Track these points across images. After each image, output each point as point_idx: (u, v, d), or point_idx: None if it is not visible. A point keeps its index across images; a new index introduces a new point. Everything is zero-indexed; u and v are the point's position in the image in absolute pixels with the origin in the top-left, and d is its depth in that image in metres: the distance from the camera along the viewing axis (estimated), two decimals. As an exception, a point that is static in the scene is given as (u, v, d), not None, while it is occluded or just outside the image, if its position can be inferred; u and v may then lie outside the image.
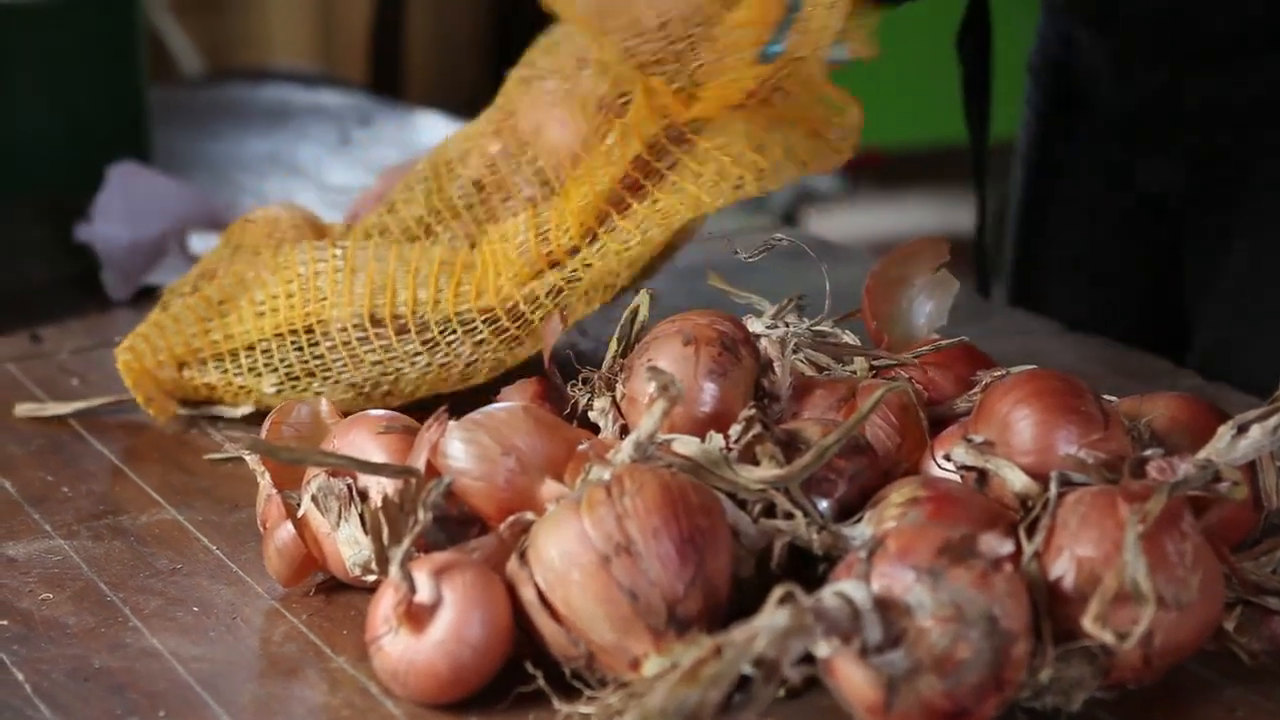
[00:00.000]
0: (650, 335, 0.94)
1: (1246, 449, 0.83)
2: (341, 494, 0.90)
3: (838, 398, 0.94)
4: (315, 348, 1.11)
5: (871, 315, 1.01)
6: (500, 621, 0.81)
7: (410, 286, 1.10)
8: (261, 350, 1.12)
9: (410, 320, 1.09)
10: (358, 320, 1.10)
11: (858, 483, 0.86)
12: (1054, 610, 0.78)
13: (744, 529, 0.82)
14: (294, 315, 1.11)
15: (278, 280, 1.12)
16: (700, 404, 0.90)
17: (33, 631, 0.90)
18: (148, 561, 0.97)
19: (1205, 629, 0.80)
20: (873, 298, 1.01)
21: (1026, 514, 0.81)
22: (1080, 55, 1.36)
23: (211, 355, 1.13)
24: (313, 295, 1.11)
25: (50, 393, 1.20)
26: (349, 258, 1.11)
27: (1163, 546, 0.77)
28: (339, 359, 1.10)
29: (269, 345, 1.12)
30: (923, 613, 0.74)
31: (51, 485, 1.07)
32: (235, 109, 1.87)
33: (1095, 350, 1.26)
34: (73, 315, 1.35)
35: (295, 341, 1.11)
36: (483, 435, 0.86)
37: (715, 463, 0.83)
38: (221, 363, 1.13)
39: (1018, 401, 0.85)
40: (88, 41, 1.67)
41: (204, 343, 1.13)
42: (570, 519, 0.79)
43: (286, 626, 0.90)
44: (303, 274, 1.12)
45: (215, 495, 1.05)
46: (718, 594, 0.78)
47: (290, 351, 1.11)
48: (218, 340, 1.13)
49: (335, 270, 1.11)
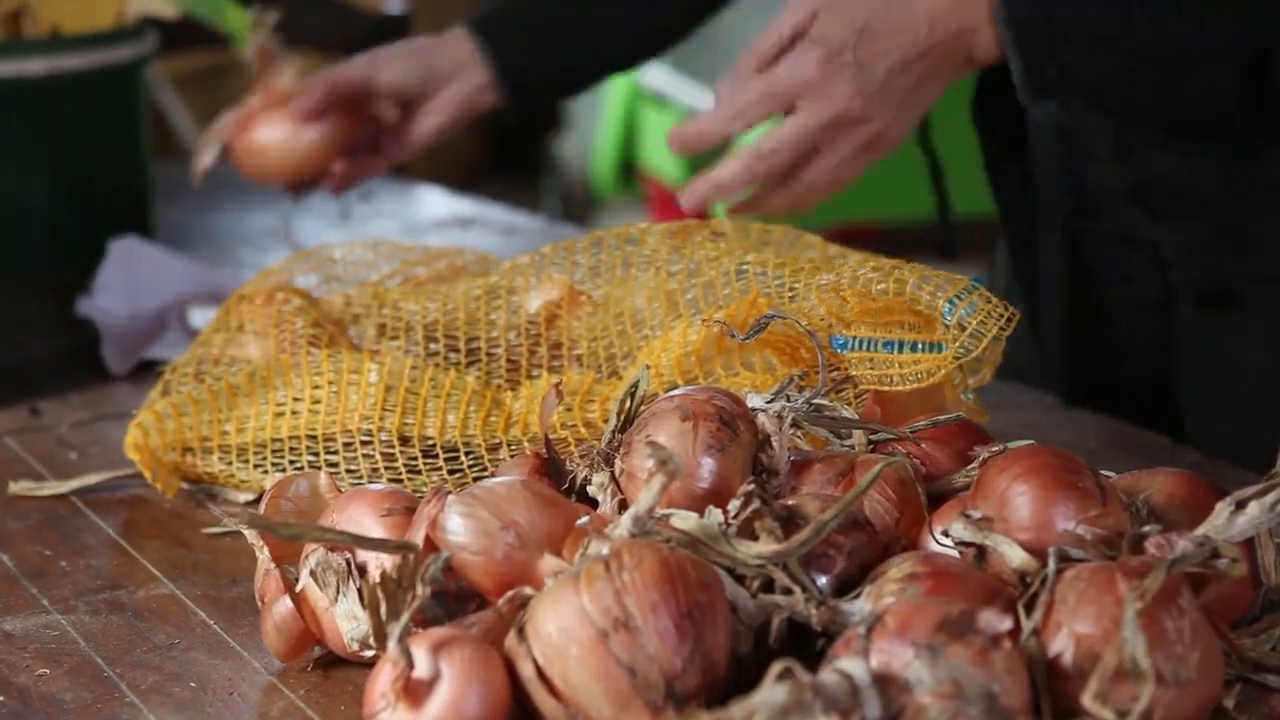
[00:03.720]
0: (648, 411, 0.94)
1: (1244, 526, 0.83)
2: (340, 569, 0.90)
3: (836, 472, 0.94)
4: (333, 455, 1.11)
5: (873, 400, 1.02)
6: (498, 697, 0.80)
7: (440, 411, 1.10)
8: (273, 449, 1.12)
9: (439, 442, 1.09)
10: (386, 436, 1.10)
11: (856, 558, 0.86)
12: (1053, 687, 0.77)
13: (742, 604, 0.82)
14: (316, 421, 1.11)
15: (304, 384, 1.12)
16: (699, 479, 0.91)
17: (29, 707, 0.89)
18: (145, 636, 0.97)
19: (1205, 706, 0.79)
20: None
21: (1025, 590, 0.81)
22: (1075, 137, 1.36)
23: (219, 445, 1.13)
24: (341, 404, 1.11)
25: (49, 466, 1.20)
26: (383, 374, 1.11)
27: (1161, 623, 0.77)
28: (355, 470, 1.10)
29: (282, 446, 1.12)
30: (922, 689, 0.74)
31: (49, 560, 1.06)
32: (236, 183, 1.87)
33: (1092, 426, 1.26)
34: (73, 389, 1.35)
35: (312, 447, 1.11)
36: (481, 510, 0.86)
37: (714, 538, 0.83)
38: (228, 454, 1.13)
39: (1016, 477, 0.86)
40: (90, 115, 1.68)
41: (214, 432, 1.13)
42: (569, 594, 0.79)
43: (284, 702, 0.90)
44: (333, 383, 1.12)
45: (213, 570, 1.05)
46: (716, 669, 0.78)
47: (305, 455, 1.11)
48: (228, 432, 1.13)
49: (369, 385, 1.11)
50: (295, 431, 1.11)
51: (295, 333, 1.19)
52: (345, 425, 1.10)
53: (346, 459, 1.10)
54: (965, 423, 0.98)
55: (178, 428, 1.13)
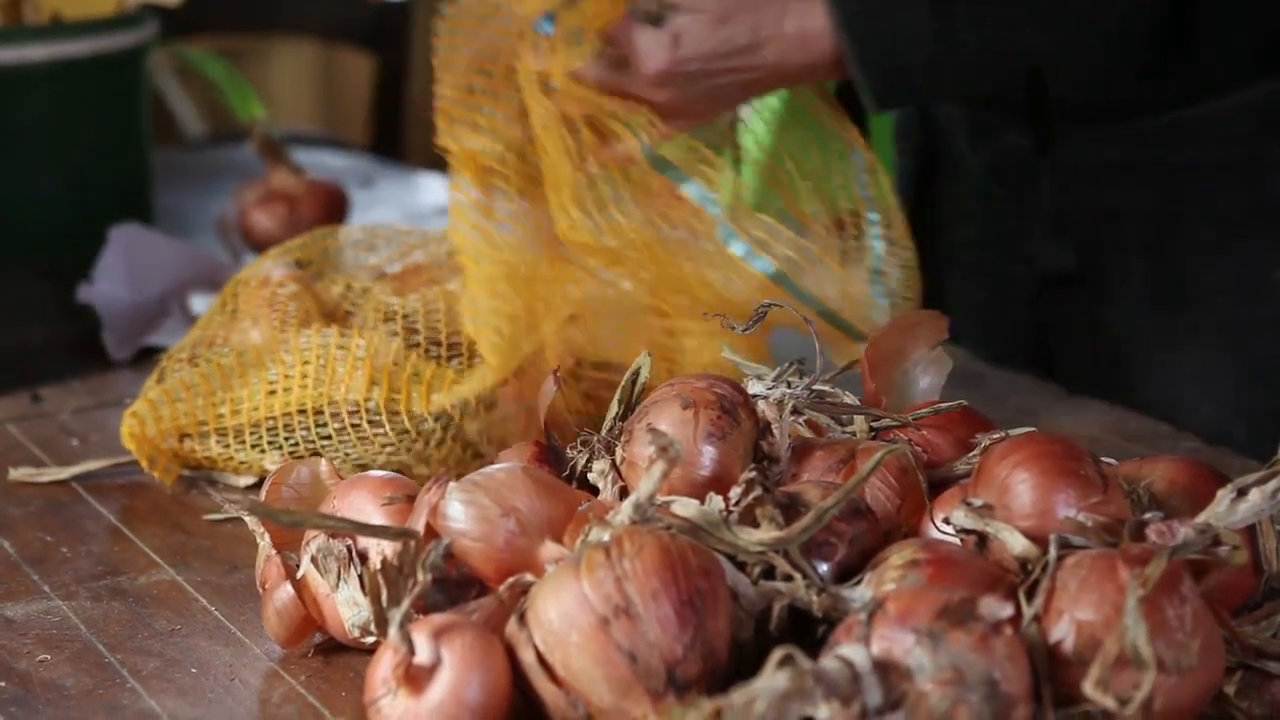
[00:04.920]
0: (649, 399, 0.94)
1: (1246, 513, 0.83)
2: (341, 555, 0.90)
3: (837, 460, 0.94)
4: (324, 428, 1.12)
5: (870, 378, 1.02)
6: (499, 684, 0.80)
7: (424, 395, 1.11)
8: (268, 428, 1.12)
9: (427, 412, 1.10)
10: (372, 405, 1.11)
11: (857, 545, 0.86)
12: (1054, 674, 0.77)
13: (743, 591, 0.82)
14: (305, 396, 1.12)
15: (295, 360, 1.13)
16: (699, 467, 0.91)
17: (30, 693, 0.89)
18: (146, 622, 0.97)
19: (1206, 693, 0.79)
20: (871, 367, 1.02)
21: (1026, 577, 0.81)
22: (939, 120, 1.43)
23: (215, 429, 1.14)
24: (329, 377, 1.12)
25: (50, 453, 1.20)
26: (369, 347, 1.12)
27: (1162, 610, 0.77)
28: (347, 440, 1.11)
29: (275, 423, 1.12)
30: (922, 676, 0.74)
31: (50, 546, 1.06)
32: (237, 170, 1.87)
33: (1094, 413, 1.26)
34: (74, 376, 1.35)
35: (303, 421, 1.12)
36: (482, 497, 0.86)
37: (715, 525, 0.83)
38: (224, 437, 1.14)
39: (1017, 465, 0.85)
40: (92, 103, 1.68)
41: (209, 415, 1.14)
42: (569, 581, 0.79)
43: (285, 688, 0.90)
44: (320, 357, 1.12)
45: (214, 556, 1.05)
46: (717, 656, 0.78)
47: (297, 430, 1.12)
48: (223, 415, 1.13)
49: (356, 359, 1.12)
50: (288, 408, 1.11)
51: (288, 314, 1.19)
52: (331, 396, 1.11)
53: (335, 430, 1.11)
54: (967, 410, 0.98)
55: (173, 414, 1.13)
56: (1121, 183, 1.31)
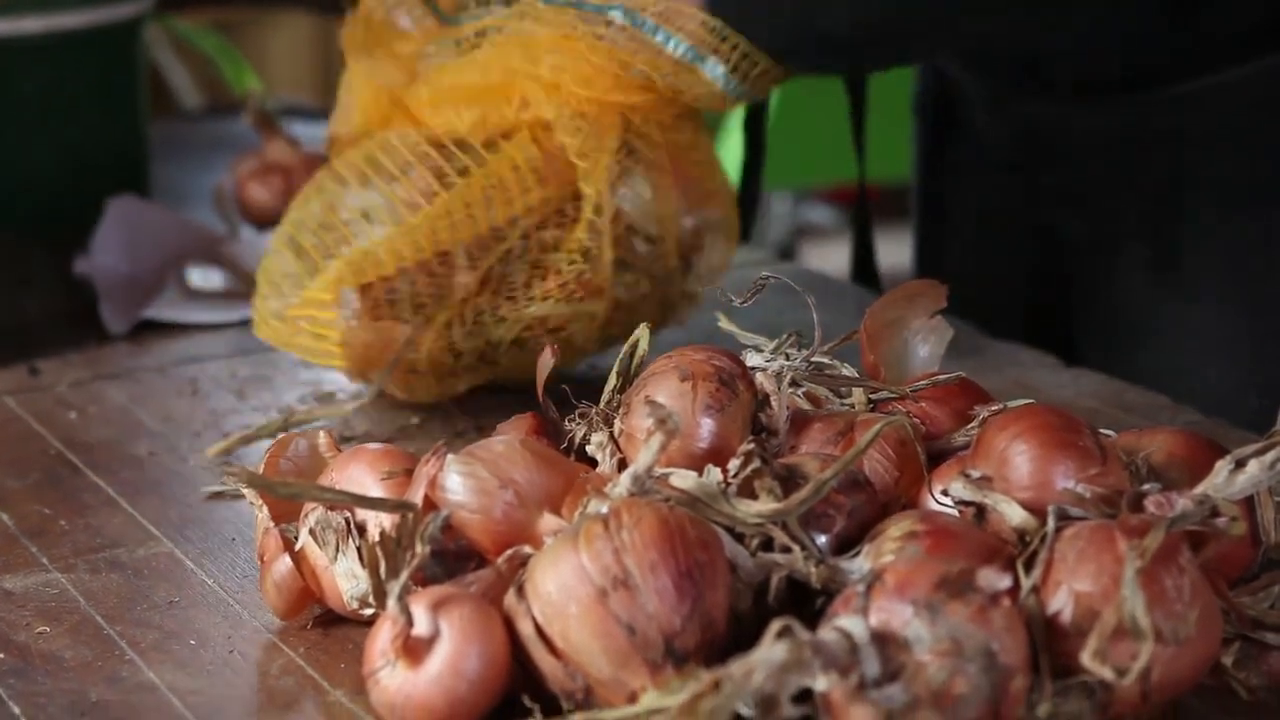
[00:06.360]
0: (647, 371, 0.94)
1: (1244, 484, 0.83)
2: (339, 527, 0.90)
3: (835, 432, 0.94)
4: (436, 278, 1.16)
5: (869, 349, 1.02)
6: (498, 655, 0.81)
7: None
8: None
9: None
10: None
11: (856, 517, 0.86)
12: (1052, 645, 0.78)
13: (742, 563, 0.82)
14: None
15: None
16: (698, 439, 0.90)
17: (29, 665, 0.89)
18: (145, 595, 0.97)
19: (1203, 664, 0.80)
20: (870, 337, 1.01)
21: (1024, 549, 0.81)
22: (958, 90, 1.43)
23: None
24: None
25: (48, 426, 1.20)
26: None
27: (1160, 581, 0.77)
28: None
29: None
30: (920, 647, 0.74)
31: (49, 518, 1.06)
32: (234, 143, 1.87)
33: (1092, 385, 1.26)
34: (71, 348, 1.35)
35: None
36: (480, 469, 0.86)
37: (713, 497, 0.83)
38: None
39: (1015, 436, 0.85)
40: (89, 76, 1.68)
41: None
42: (568, 553, 0.79)
43: (284, 660, 0.90)
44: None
45: (213, 529, 1.05)
46: (715, 628, 0.78)
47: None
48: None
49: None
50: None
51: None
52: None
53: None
54: (965, 382, 0.98)
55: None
56: (1131, 153, 1.31)
